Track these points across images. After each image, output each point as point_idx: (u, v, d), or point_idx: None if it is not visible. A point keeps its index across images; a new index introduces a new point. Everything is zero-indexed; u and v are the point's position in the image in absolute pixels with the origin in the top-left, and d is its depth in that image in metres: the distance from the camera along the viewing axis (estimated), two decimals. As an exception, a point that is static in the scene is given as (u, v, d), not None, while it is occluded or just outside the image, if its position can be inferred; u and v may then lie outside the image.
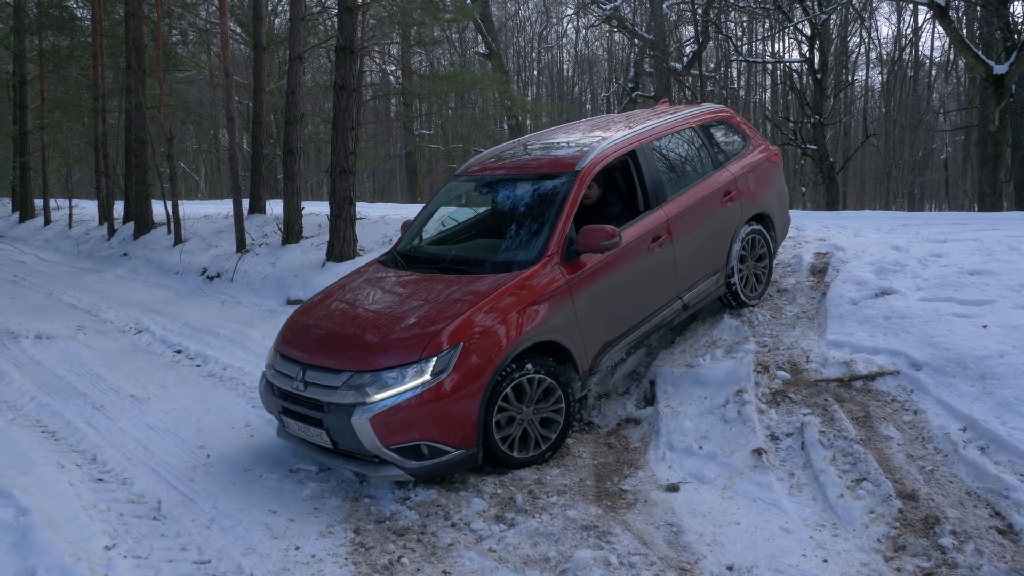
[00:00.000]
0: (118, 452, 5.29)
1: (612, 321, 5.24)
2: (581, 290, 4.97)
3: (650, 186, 5.63)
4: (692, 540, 3.97)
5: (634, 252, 5.31)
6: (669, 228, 5.58)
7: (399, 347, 4.44)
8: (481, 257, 5.25)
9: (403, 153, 30.88)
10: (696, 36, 24.13)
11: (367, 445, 4.32)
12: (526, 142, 6.42)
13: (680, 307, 5.79)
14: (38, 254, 17.82)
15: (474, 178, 6.02)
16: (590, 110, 44.49)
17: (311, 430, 4.61)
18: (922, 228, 8.95)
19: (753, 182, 6.42)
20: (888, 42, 43.58)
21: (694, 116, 6.42)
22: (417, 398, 4.30)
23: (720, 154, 6.38)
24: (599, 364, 5.23)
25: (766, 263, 6.60)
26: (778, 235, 6.84)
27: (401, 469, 4.38)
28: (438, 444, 4.36)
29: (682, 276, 5.73)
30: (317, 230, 11.92)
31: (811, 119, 22.77)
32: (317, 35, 17.41)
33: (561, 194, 5.20)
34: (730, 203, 6.15)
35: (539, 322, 4.72)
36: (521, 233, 5.24)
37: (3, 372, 7.24)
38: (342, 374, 4.45)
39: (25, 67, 23.70)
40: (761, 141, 6.92)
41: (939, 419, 4.70)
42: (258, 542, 4.07)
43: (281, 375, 4.83)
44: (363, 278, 5.56)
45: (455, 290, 4.83)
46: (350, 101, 10.09)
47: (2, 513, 4.32)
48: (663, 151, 5.97)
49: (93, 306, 10.59)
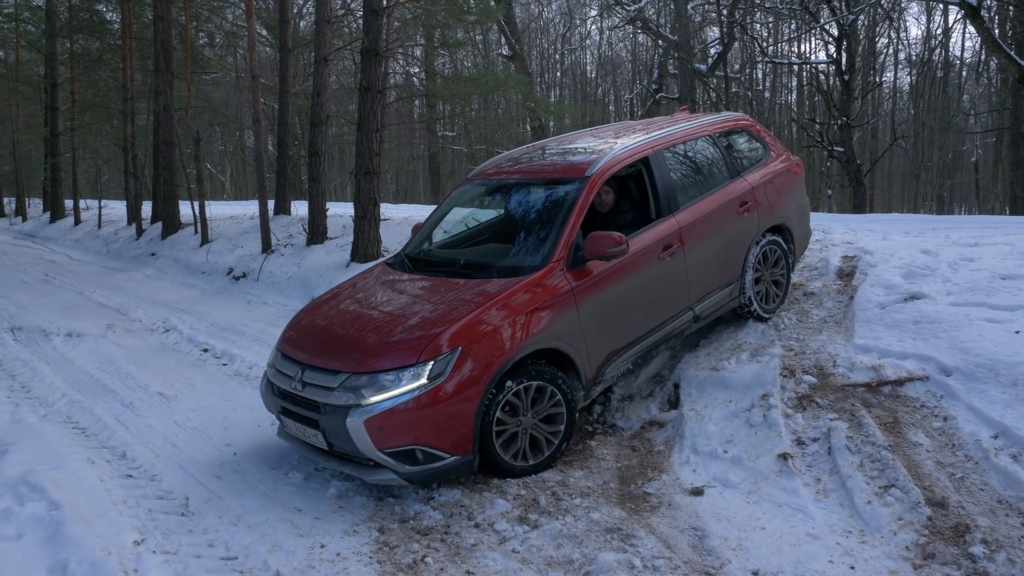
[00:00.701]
0: (147, 449, 5.37)
1: (618, 330, 5.16)
2: (586, 297, 4.90)
3: (662, 194, 5.54)
4: (717, 544, 3.95)
5: (643, 260, 5.24)
6: (681, 237, 5.49)
7: (396, 350, 4.41)
8: (486, 261, 5.24)
9: (426, 154, 30.98)
10: (721, 37, 23.99)
11: (361, 448, 4.29)
12: (543, 146, 6.40)
13: (691, 318, 5.69)
14: (68, 253, 18.10)
15: (485, 182, 6.01)
16: (613, 112, 44.39)
17: (308, 431, 4.59)
18: (952, 232, 8.83)
19: (772, 192, 6.30)
20: (917, 42, 43.05)
21: (712, 124, 6.34)
22: (413, 402, 4.26)
23: (738, 163, 6.27)
24: (604, 374, 5.15)
25: (784, 276, 6.45)
26: (797, 248, 6.69)
27: (395, 473, 4.34)
28: (433, 449, 4.32)
29: (694, 287, 5.64)
30: (342, 231, 12.00)
31: (838, 121, 22.56)
32: (342, 37, 17.53)
33: (569, 200, 5.14)
34: (747, 213, 6.03)
35: (541, 329, 4.66)
36: (528, 238, 5.19)
37: (35, 369, 7.37)
38: (339, 375, 4.43)
39: (56, 70, 24.13)
40: (782, 151, 6.80)
41: (970, 426, 4.64)
42: (284, 539, 4.11)
43: (281, 374, 4.84)
44: (369, 280, 5.56)
45: (457, 294, 4.79)
46: (375, 103, 10.15)
47: (35, 507, 4.39)
48: (677, 158, 5.90)
49: (122, 305, 10.74)
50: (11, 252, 18.22)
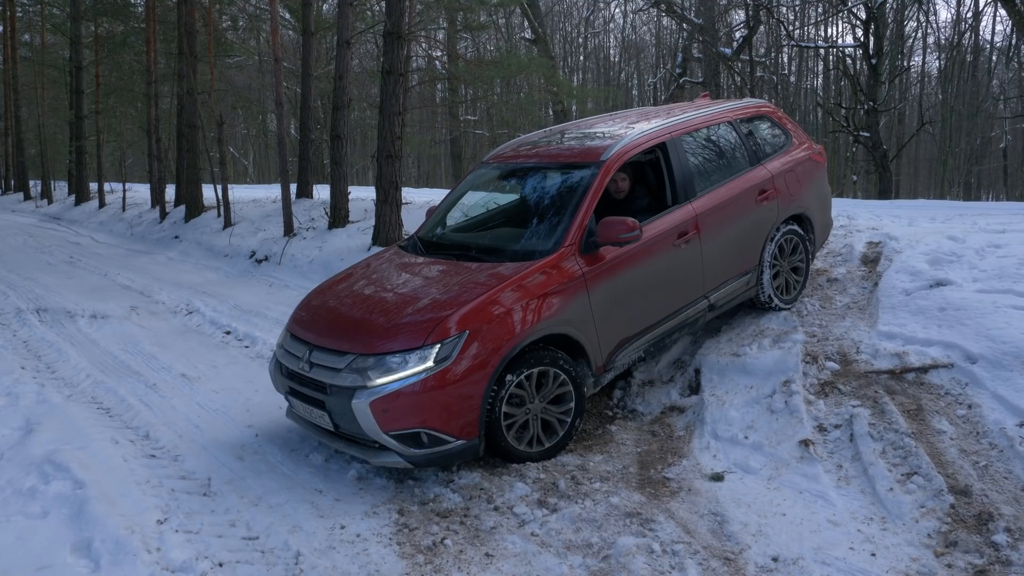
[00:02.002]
0: (170, 429, 5.43)
1: (631, 317, 5.10)
2: (598, 283, 4.85)
3: (679, 180, 5.47)
4: (736, 530, 3.93)
5: (658, 247, 5.17)
6: (697, 224, 5.42)
7: (404, 332, 4.40)
8: (498, 245, 5.21)
9: (448, 139, 30.95)
10: (747, 20, 23.68)
11: (366, 430, 4.29)
12: (562, 130, 6.35)
13: (706, 307, 5.62)
14: (93, 236, 18.30)
15: (501, 165, 5.98)
16: (636, 96, 44.04)
17: (314, 412, 4.62)
18: (979, 218, 8.68)
19: (792, 181, 6.19)
20: (947, 26, 42.33)
21: (732, 110, 6.25)
22: (419, 384, 4.24)
23: (758, 150, 6.16)
24: (615, 361, 5.09)
25: (803, 266, 6.34)
26: (817, 238, 6.58)
27: (400, 456, 4.33)
28: (439, 433, 4.30)
29: (709, 275, 5.56)
30: (363, 215, 12.03)
31: (864, 105, 22.22)
32: (365, 20, 17.52)
33: (584, 184, 5.09)
34: (766, 202, 5.94)
35: (551, 314, 4.62)
36: (541, 223, 5.14)
37: (60, 350, 7.47)
38: (346, 356, 4.44)
39: (81, 53, 24.31)
40: (805, 139, 6.69)
41: (995, 414, 4.57)
42: (304, 520, 4.15)
43: (289, 355, 4.86)
44: (380, 262, 5.55)
45: (467, 278, 4.77)
46: (397, 86, 10.14)
47: (60, 486, 4.47)
48: (696, 145, 5.81)
49: (146, 287, 10.85)
50: (37, 234, 18.46)
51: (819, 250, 6.79)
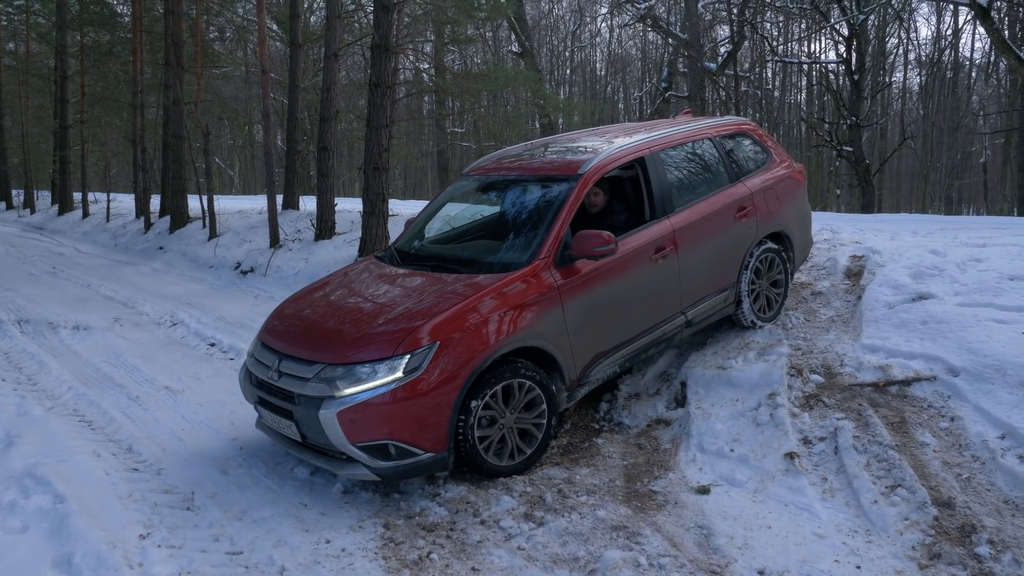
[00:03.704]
0: (153, 443, 5.38)
1: (606, 331, 5.06)
2: (573, 297, 4.82)
3: (657, 195, 5.46)
4: (723, 543, 3.94)
5: (634, 262, 5.16)
6: (675, 240, 5.41)
7: (373, 342, 4.35)
8: (474, 257, 5.19)
9: (435, 151, 30.97)
10: (731, 36, 23.92)
11: (333, 441, 4.24)
12: (544, 143, 6.35)
13: (683, 323, 5.60)
14: (76, 246, 18.16)
15: (480, 178, 5.95)
16: (623, 110, 44.30)
17: (282, 422, 4.56)
18: (960, 232, 8.78)
19: (772, 199, 6.19)
20: (927, 43, 42.90)
21: (713, 127, 6.25)
22: (388, 395, 4.19)
23: (738, 167, 6.15)
24: (589, 375, 5.05)
25: (782, 285, 6.33)
26: (797, 256, 6.56)
27: (367, 468, 4.27)
28: (407, 445, 4.24)
29: (687, 291, 5.55)
30: (350, 226, 12.01)
31: (847, 120, 22.48)
32: (353, 33, 17.55)
33: (560, 198, 5.07)
34: (745, 219, 5.94)
35: (524, 326, 4.57)
36: (518, 235, 5.12)
37: (42, 362, 7.39)
38: (315, 365, 4.39)
39: (66, 62, 24.20)
40: (785, 157, 6.66)
41: (977, 426, 4.62)
42: (289, 534, 4.12)
43: (259, 364, 4.80)
44: (356, 272, 5.52)
45: (441, 289, 4.74)
46: (384, 98, 10.15)
47: (41, 500, 4.41)
48: (674, 160, 5.79)
49: (129, 298, 10.77)
50: (19, 244, 18.30)
51: (799, 268, 6.77)
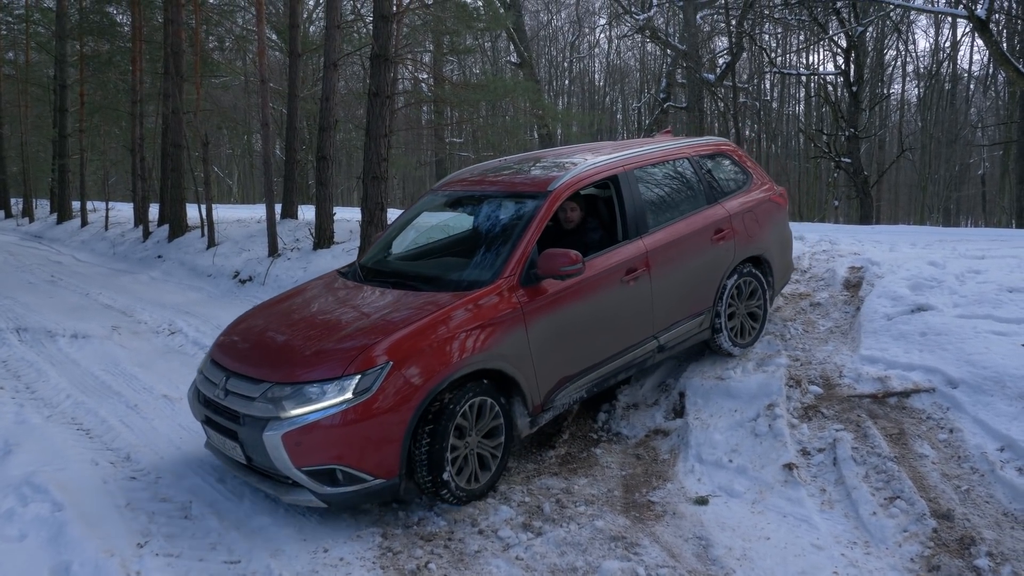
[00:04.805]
0: (151, 451, 5.37)
1: (572, 355, 4.87)
2: (538, 317, 4.63)
3: (630, 215, 5.29)
4: (721, 554, 3.93)
5: (603, 282, 4.98)
6: (648, 261, 5.24)
7: (324, 361, 4.16)
8: (436, 274, 5.03)
9: (434, 161, 31.04)
10: (730, 47, 24.00)
11: (277, 464, 4.06)
12: (519, 159, 6.18)
13: (655, 348, 5.42)
14: (75, 255, 18.16)
15: (448, 193, 5.80)
16: (621, 120, 44.45)
17: (227, 443, 4.39)
18: (959, 244, 8.80)
19: (751, 222, 6.02)
20: (926, 55, 43.08)
21: (691, 147, 6.11)
22: (337, 417, 3.99)
23: (716, 189, 6.00)
24: (554, 400, 4.84)
25: (760, 311, 6.16)
26: (776, 281, 6.36)
27: (313, 494, 4.09)
28: (355, 471, 4.05)
29: (660, 315, 5.37)
30: (348, 235, 12.02)
31: (845, 132, 22.56)
32: (352, 42, 17.62)
33: (528, 214, 4.90)
34: (722, 242, 5.77)
35: (484, 347, 4.39)
36: (483, 252, 4.95)
37: (40, 370, 7.38)
38: (261, 384, 4.21)
39: (66, 72, 24.27)
40: (766, 180, 6.51)
41: (976, 438, 4.62)
42: (287, 543, 4.10)
43: (207, 381, 4.63)
44: (316, 288, 5.36)
45: (399, 307, 4.57)
46: (383, 108, 10.18)
47: (39, 508, 4.40)
48: (649, 180, 5.64)
49: (128, 307, 10.76)
50: (18, 253, 18.29)
51: (777, 293, 6.59)
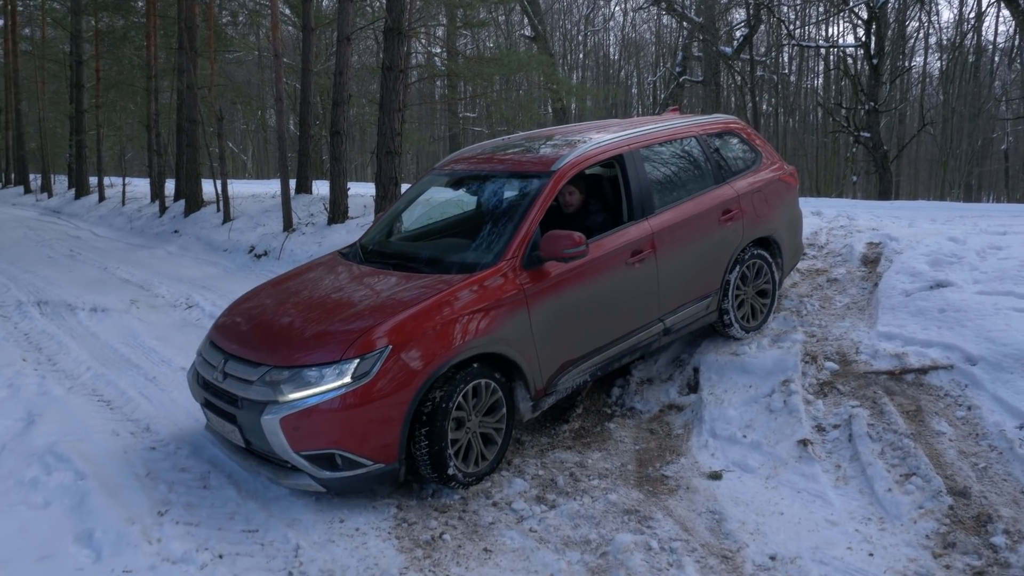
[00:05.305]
0: (170, 422, 5.43)
1: (576, 338, 4.78)
2: (540, 300, 4.53)
3: (636, 195, 5.16)
4: (734, 528, 3.95)
5: (608, 265, 4.87)
6: (653, 243, 5.12)
7: (323, 344, 4.10)
8: (437, 256, 4.90)
9: (448, 135, 30.96)
10: (747, 19, 23.69)
11: (276, 448, 4.03)
12: (522, 138, 6.01)
13: (661, 331, 5.31)
14: (93, 230, 18.29)
15: (450, 172, 5.70)
16: (636, 95, 44.06)
17: (226, 426, 4.35)
18: (980, 220, 8.70)
19: (760, 202, 5.88)
20: (949, 26, 42.28)
21: (699, 125, 5.96)
22: (334, 401, 3.94)
23: (725, 168, 5.85)
24: (557, 384, 4.76)
25: (768, 293, 6.03)
26: (786, 263, 6.24)
27: (312, 479, 4.06)
28: (354, 455, 4.01)
29: (665, 297, 5.26)
30: (362, 210, 12.04)
31: (865, 106, 22.26)
32: (365, 16, 17.52)
33: (531, 195, 4.79)
34: (730, 223, 5.64)
35: (485, 331, 4.30)
36: (484, 234, 4.84)
37: (61, 343, 7.47)
38: (260, 367, 4.16)
39: (81, 47, 24.29)
40: (776, 159, 6.36)
41: (994, 416, 4.59)
42: (304, 513, 4.16)
43: (206, 363, 4.59)
44: (316, 270, 5.28)
45: (399, 289, 4.49)
46: (397, 82, 10.13)
47: (62, 477, 4.48)
48: (656, 159, 5.50)
49: (145, 281, 10.85)
50: (37, 228, 18.44)
51: (787, 275, 6.49)
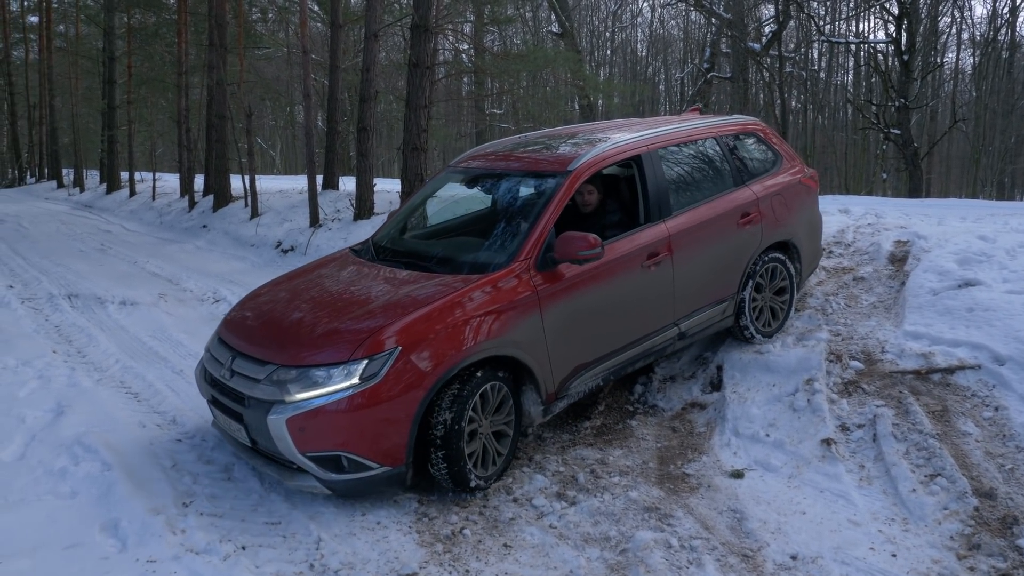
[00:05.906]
0: (196, 415, 5.51)
1: (589, 342, 4.71)
2: (553, 303, 4.46)
3: (653, 197, 5.09)
4: (756, 527, 3.93)
5: (623, 267, 4.80)
6: (670, 245, 5.05)
7: (332, 344, 4.05)
8: (449, 255, 4.82)
9: (474, 132, 30.98)
10: (776, 15, 23.41)
11: (281, 449, 3.98)
12: (538, 136, 5.97)
13: (676, 335, 5.24)
14: (123, 224, 18.55)
15: (465, 170, 5.62)
16: (664, 91, 43.82)
17: (233, 424, 4.32)
18: (1011, 218, 8.53)
19: (779, 206, 5.80)
20: (982, 22, 41.55)
21: (718, 126, 5.89)
22: (341, 403, 3.89)
23: (744, 171, 5.79)
24: (568, 388, 4.68)
25: (786, 297, 5.94)
26: (804, 268, 6.14)
27: (317, 480, 4.02)
28: (360, 458, 3.95)
29: (681, 301, 5.20)
30: (388, 206, 12.09)
31: (896, 103, 21.92)
32: (392, 13, 17.57)
33: (546, 195, 4.72)
34: (748, 226, 5.56)
35: (497, 333, 4.23)
36: (498, 233, 4.78)
37: (91, 335, 7.60)
38: (267, 366, 4.12)
39: (114, 44, 24.61)
40: (796, 162, 6.28)
41: (1022, 416, 4.52)
42: (326, 506, 4.20)
43: (214, 360, 4.56)
44: (327, 267, 5.24)
45: (410, 289, 4.42)
46: (423, 79, 10.16)
47: (89, 467, 4.56)
48: (674, 160, 5.44)
49: (174, 275, 10.99)
50: (69, 222, 18.75)
51: (805, 280, 6.39)
